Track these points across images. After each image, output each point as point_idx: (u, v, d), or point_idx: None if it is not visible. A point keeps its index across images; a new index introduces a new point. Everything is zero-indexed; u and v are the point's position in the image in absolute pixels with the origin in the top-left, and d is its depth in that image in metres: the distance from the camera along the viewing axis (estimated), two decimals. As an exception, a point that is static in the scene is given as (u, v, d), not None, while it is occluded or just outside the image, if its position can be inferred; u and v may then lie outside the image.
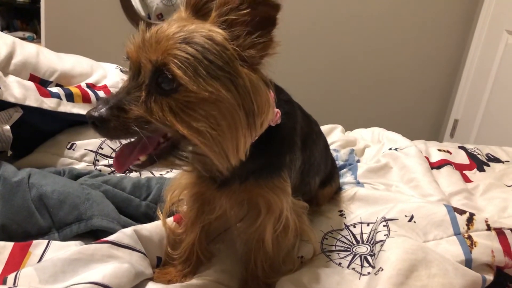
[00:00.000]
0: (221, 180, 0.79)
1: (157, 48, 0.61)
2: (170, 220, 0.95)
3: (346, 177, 1.36)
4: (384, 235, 0.94)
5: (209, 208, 0.88)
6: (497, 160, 1.56)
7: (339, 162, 1.46)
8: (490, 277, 0.86)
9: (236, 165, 0.69)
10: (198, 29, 0.63)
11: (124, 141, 0.68)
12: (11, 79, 1.15)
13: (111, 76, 1.46)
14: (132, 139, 0.68)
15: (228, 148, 0.66)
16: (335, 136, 1.69)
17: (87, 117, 0.63)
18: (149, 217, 1.01)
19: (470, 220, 0.95)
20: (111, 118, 0.61)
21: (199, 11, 0.71)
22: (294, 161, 0.85)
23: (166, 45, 0.61)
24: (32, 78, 1.24)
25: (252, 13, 0.63)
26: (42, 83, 1.25)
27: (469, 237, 0.92)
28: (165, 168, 0.81)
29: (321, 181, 1.10)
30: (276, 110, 0.76)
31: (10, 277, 0.74)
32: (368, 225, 1.06)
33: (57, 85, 1.30)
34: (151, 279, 0.85)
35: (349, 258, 0.96)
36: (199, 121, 0.62)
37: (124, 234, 0.85)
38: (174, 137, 0.66)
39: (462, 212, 0.98)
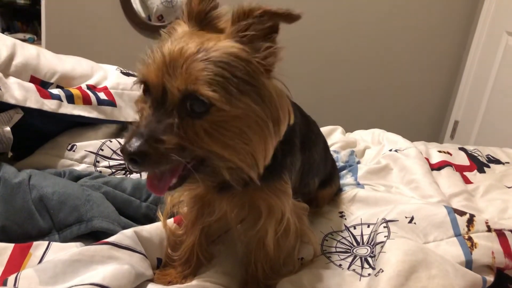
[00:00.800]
0: (222, 185, 0.78)
1: (185, 74, 0.60)
2: (171, 221, 0.95)
3: (346, 179, 1.36)
4: (384, 236, 0.94)
5: (209, 210, 0.88)
6: (497, 162, 1.56)
7: (339, 164, 1.46)
8: (490, 278, 0.86)
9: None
10: (220, 46, 0.62)
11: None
12: (12, 81, 1.15)
13: (111, 77, 1.46)
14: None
15: (259, 158, 0.67)
16: (335, 137, 1.69)
17: (124, 154, 0.60)
18: (150, 219, 1.01)
19: (470, 221, 0.95)
20: (150, 151, 0.60)
21: (203, 21, 0.69)
22: (294, 163, 0.85)
23: (193, 69, 0.60)
24: (33, 79, 1.24)
25: (270, 25, 0.64)
26: (42, 85, 1.25)
27: (470, 239, 0.92)
28: (191, 185, 0.80)
29: (321, 182, 1.10)
30: None
31: (11, 279, 0.74)
32: (368, 226, 1.06)
33: (58, 86, 1.30)
34: (151, 280, 0.85)
35: (350, 259, 0.96)
36: (233, 139, 0.64)
37: (124, 235, 0.85)
38: (199, 155, 0.65)
39: (462, 213, 0.98)
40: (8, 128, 1.09)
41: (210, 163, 0.66)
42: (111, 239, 0.83)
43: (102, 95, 1.34)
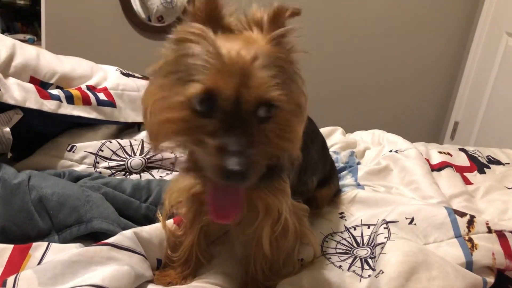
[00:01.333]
0: None
1: (260, 83, 0.60)
2: (170, 222, 0.95)
3: (346, 179, 1.36)
4: (385, 237, 0.94)
5: (207, 208, 0.87)
6: (498, 162, 1.56)
7: (339, 165, 1.46)
8: (491, 280, 0.86)
9: None
10: (270, 51, 0.63)
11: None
12: (11, 81, 1.15)
13: (111, 78, 1.45)
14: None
15: (300, 141, 0.71)
16: (335, 138, 1.68)
17: (237, 175, 0.58)
18: (149, 219, 1.01)
19: (470, 223, 0.95)
20: (254, 166, 0.60)
21: (215, 22, 0.67)
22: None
23: (264, 76, 0.60)
24: (32, 80, 1.24)
25: None
26: (42, 85, 1.25)
27: (470, 240, 0.92)
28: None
29: (319, 181, 1.10)
30: None
31: (10, 280, 0.73)
32: (368, 227, 1.05)
33: (57, 87, 1.30)
34: (151, 281, 0.85)
35: (350, 260, 0.95)
36: (291, 131, 0.68)
37: (124, 236, 0.85)
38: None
39: (462, 214, 0.98)
40: (7, 129, 1.09)
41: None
42: (110, 240, 0.83)
43: (101, 96, 1.34)
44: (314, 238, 0.94)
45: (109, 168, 1.22)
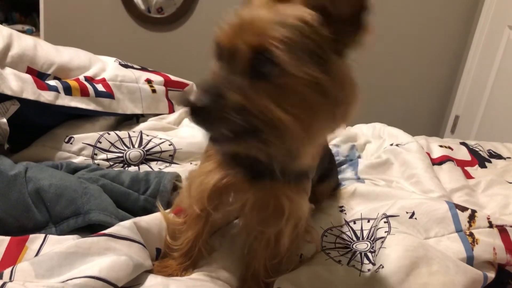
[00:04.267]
0: (255, 174, 0.75)
1: (256, 32, 0.60)
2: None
3: (346, 173, 1.35)
4: (385, 231, 0.94)
5: (226, 199, 0.83)
6: (499, 157, 1.55)
7: (340, 158, 1.45)
8: (491, 275, 0.86)
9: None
10: (291, 11, 0.61)
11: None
12: (8, 72, 1.14)
13: (110, 69, 1.44)
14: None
15: (310, 136, 0.65)
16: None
17: (185, 103, 0.59)
18: (148, 211, 1.00)
19: (471, 217, 0.94)
20: (211, 105, 0.59)
21: None
22: None
23: (264, 28, 0.59)
24: (30, 70, 1.22)
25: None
26: (39, 76, 1.24)
27: (471, 234, 0.91)
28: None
29: (319, 176, 1.08)
30: None
31: (6, 272, 0.72)
32: (368, 221, 1.05)
33: (55, 78, 1.29)
34: (150, 271, 0.84)
35: (349, 255, 0.95)
36: (295, 107, 0.61)
37: (122, 227, 0.83)
38: (256, 126, 0.62)
39: (463, 209, 0.97)
40: (4, 120, 1.08)
41: (263, 136, 0.63)
42: (108, 230, 0.82)
43: (100, 87, 1.33)
44: (317, 235, 0.93)
45: (107, 160, 1.21)
